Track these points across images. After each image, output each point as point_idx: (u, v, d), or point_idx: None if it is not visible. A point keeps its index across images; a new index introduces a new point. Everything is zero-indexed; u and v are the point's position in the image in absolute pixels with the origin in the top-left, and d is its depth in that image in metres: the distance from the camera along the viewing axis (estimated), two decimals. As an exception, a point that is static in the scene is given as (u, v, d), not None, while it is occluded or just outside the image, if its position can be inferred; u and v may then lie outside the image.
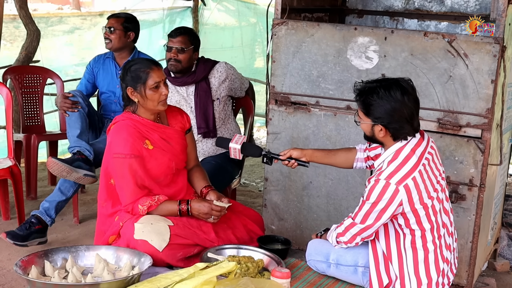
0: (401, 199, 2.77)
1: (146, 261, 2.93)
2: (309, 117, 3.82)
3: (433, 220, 2.87)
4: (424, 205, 2.82)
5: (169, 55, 4.14)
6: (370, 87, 2.82)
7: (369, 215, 2.84)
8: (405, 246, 2.90)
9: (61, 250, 3.06)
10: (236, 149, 3.26)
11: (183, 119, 3.49)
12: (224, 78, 4.25)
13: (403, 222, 2.86)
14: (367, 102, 2.81)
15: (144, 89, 3.25)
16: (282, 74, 3.85)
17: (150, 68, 3.27)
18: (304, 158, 3.19)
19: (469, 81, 3.37)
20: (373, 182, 2.81)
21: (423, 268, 2.89)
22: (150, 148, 3.30)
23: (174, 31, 4.22)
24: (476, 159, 3.41)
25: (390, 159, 2.84)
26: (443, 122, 3.47)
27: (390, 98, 2.76)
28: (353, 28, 3.63)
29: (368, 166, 3.22)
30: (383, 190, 2.77)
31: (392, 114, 2.77)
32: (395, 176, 2.78)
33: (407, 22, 4.57)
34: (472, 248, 3.50)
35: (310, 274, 3.18)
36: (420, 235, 2.87)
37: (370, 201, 2.81)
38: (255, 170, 6.43)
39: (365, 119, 2.85)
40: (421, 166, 2.83)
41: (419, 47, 3.47)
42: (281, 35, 3.81)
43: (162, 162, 3.32)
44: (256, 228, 3.48)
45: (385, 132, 2.83)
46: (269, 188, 4.00)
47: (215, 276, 2.69)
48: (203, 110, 4.19)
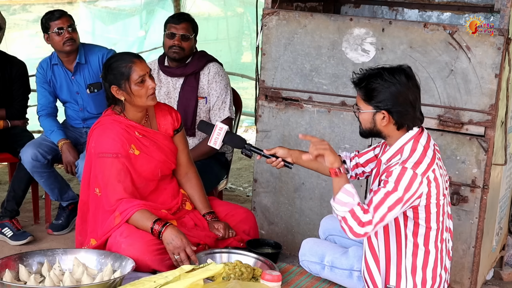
0: (422, 191, 2.91)
1: (128, 265, 3.11)
2: (301, 113, 4.02)
3: (440, 221, 3.03)
4: (438, 201, 2.96)
5: (172, 42, 4.35)
6: (372, 72, 2.98)
7: (394, 208, 2.87)
8: (407, 243, 3.03)
9: (36, 254, 3.23)
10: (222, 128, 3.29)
11: (172, 119, 3.66)
12: (210, 78, 4.44)
13: (411, 214, 2.98)
14: (370, 87, 2.95)
15: (129, 85, 3.41)
16: (273, 67, 4.05)
17: (132, 62, 3.44)
18: (289, 158, 3.27)
19: (472, 76, 3.57)
20: (399, 169, 2.88)
21: (420, 272, 3.04)
22: (136, 153, 3.48)
23: (177, 17, 4.46)
24: (479, 158, 3.62)
25: (408, 150, 2.95)
26: (444, 119, 3.67)
27: (395, 80, 2.92)
28: (349, 18, 3.83)
29: (354, 175, 3.34)
30: (411, 180, 2.87)
31: (397, 96, 2.92)
32: (421, 166, 2.91)
33: (407, 13, 4.75)
34: (475, 253, 3.71)
35: (303, 279, 3.37)
36: (424, 232, 3.01)
37: (399, 193, 2.86)
38: (242, 174, 6.63)
39: (366, 107, 2.99)
40: (437, 160, 3.00)
41: (418, 39, 3.66)
42: (272, 26, 4.01)
43: (147, 168, 3.51)
44: (247, 227, 3.68)
45: (388, 120, 2.96)
46: (259, 190, 4.19)
47: (201, 279, 2.86)
48: (184, 107, 4.39)
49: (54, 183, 4.60)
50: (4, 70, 4.78)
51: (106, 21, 9.52)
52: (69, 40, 4.50)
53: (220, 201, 3.96)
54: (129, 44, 8.94)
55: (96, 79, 4.64)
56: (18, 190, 4.65)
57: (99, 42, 5.99)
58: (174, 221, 3.50)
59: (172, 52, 4.38)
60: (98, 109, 4.59)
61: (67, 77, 4.67)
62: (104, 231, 3.38)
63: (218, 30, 9.40)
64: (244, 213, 3.75)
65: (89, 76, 4.65)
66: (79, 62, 4.61)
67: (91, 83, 4.65)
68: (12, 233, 4.50)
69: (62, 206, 4.74)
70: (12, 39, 8.65)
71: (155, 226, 3.32)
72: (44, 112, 4.68)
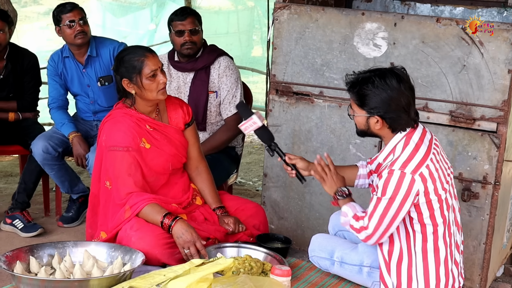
0: (417, 189, 2.92)
1: (138, 258, 3.12)
2: (312, 108, 4.02)
3: (446, 216, 3.04)
4: (439, 196, 2.98)
5: (183, 39, 4.33)
6: (364, 77, 2.99)
7: (387, 213, 2.95)
8: (415, 244, 3.04)
9: (47, 246, 3.25)
10: (256, 123, 3.26)
11: (183, 112, 3.67)
12: (221, 72, 4.44)
13: (416, 216, 3.01)
14: (361, 93, 2.98)
15: (140, 79, 3.42)
16: (284, 62, 4.04)
17: (145, 56, 3.44)
18: (307, 172, 3.29)
19: (484, 71, 3.56)
20: (386, 174, 2.95)
21: (433, 269, 3.06)
22: (147, 147, 3.49)
23: (180, 13, 4.40)
24: (491, 154, 3.60)
25: (400, 149, 2.99)
26: (456, 115, 3.66)
27: (386, 86, 2.94)
28: (361, 13, 3.82)
29: (372, 182, 3.34)
30: (399, 181, 2.91)
31: (389, 103, 2.95)
32: (409, 165, 2.93)
33: (420, 7, 4.74)
34: (486, 250, 3.70)
35: (312, 274, 3.38)
36: (432, 231, 3.02)
37: (387, 196, 2.93)
38: (252, 168, 6.63)
39: (359, 111, 3.02)
40: (432, 155, 3.00)
41: (431, 34, 3.65)
42: (283, 20, 4.00)
43: (158, 162, 3.51)
44: (257, 222, 3.68)
45: (381, 124, 3.00)
46: (268, 185, 4.20)
47: (211, 273, 2.88)
48: (195, 101, 4.38)
49: (65, 175, 4.61)
50: (16, 62, 4.80)
51: (117, 14, 9.55)
52: (80, 33, 4.51)
53: (230, 196, 3.97)
54: (139, 37, 8.97)
55: (107, 72, 4.66)
56: (29, 182, 4.67)
57: (109, 35, 6.00)
58: (184, 215, 3.51)
59: (185, 49, 4.36)
60: (109, 102, 4.61)
61: (78, 70, 4.68)
62: (115, 224, 3.39)
63: (229, 24, 9.42)
64: (254, 207, 3.76)
65: (100, 69, 4.66)
66: (90, 55, 4.62)
67: (102, 76, 4.66)
68: (23, 225, 4.53)
69: (72, 199, 4.77)
70: (23, 32, 8.69)
71: (165, 220, 3.32)
72: (55, 105, 4.69)
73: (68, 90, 4.77)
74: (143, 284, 2.87)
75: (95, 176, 3.57)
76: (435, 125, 3.68)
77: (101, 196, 3.53)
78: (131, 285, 2.88)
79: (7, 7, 6.09)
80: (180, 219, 3.33)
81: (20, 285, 2.94)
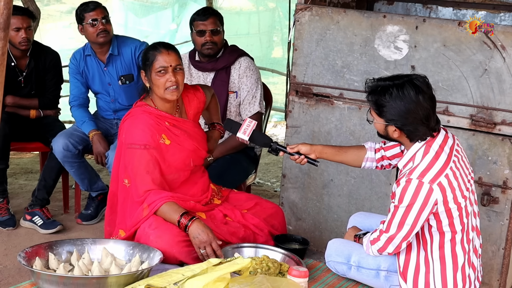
0: (436, 198, 2.90)
1: (156, 256, 3.13)
2: (331, 110, 4.01)
3: (465, 222, 3.01)
4: (458, 204, 2.96)
5: (204, 39, 4.36)
6: (383, 86, 2.96)
7: (405, 221, 2.94)
8: (433, 251, 3.04)
9: (66, 243, 3.26)
10: (249, 126, 3.36)
11: (198, 100, 3.67)
12: (241, 73, 4.44)
13: (435, 224, 2.99)
14: (379, 103, 2.96)
15: (150, 73, 3.46)
16: (304, 63, 4.05)
17: (159, 50, 3.46)
18: (313, 154, 3.31)
19: (506, 75, 3.54)
20: (404, 183, 2.93)
21: (451, 275, 3.03)
22: (167, 143, 3.50)
23: (202, 13, 4.44)
24: (511, 159, 3.59)
25: (420, 157, 2.97)
26: (476, 119, 3.64)
27: (404, 98, 2.90)
28: (382, 15, 3.81)
29: (380, 166, 3.36)
30: (416, 190, 2.89)
31: (406, 116, 2.91)
32: (428, 174, 2.91)
33: (441, 11, 4.73)
34: (505, 255, 3.67)
35: (329, 276, 3.37)
36: (450, 238, 3.01)
37: (404, 205, 2.92)
38: (270, 169, 6.64)
39: (378, 119, 3.01)
40: (452, 163, 2.98)
41: (452, 37, 3.64)
42: (304, 22, 4.00)
43: (179, 158, 3.52)
44: (276, 222, 3.68)
45: (399, 133, 2.99)
46: (287, 186, 4.20)
47: (228, 273, 2.88)
48: None
49: (84, 173, 4.65)
50: (38, 60, 4.84)
51: (139, 13, 9.61)
52: (103, 31, 4.54)
53: (250, 194, 3.97)
54: (160, 37, 9.01)
55: (128, 71, 4.68)
56: (49, 179, 4.70)
57: (131, 34, 6.05)
58: (203, 213, 3.52)
59: (206, 49, 4.39)
60: (129, 101, 4.63)
61: (99, 68, 4.71)
62: (133, 222, 3.40)
63: (250, 25, 9.45)
64: (273, 208, 3.75)
65: (121, 67, 4.69)
66: (112, 54, 4.65)
67: (123, 75, 4.69)
68: (42, 222, 4.57)
69: (91, 196, 4.79)
70: (46, 30, 8.76)
71: (182, 219, 3.32)
72: (76, 103, 4.73)
73: (89, 88, 4.80)
74: (161, 283, 2.87)
75: (114, 174, 3.59)
76: (455, 128, 3.66)
77: (119, 194, 3.55)
78: (149, 283, 2.88)
79: (31, 6, 6.16)
80: (197, 219, 3.33)
81: (39, 281, 2.96)
